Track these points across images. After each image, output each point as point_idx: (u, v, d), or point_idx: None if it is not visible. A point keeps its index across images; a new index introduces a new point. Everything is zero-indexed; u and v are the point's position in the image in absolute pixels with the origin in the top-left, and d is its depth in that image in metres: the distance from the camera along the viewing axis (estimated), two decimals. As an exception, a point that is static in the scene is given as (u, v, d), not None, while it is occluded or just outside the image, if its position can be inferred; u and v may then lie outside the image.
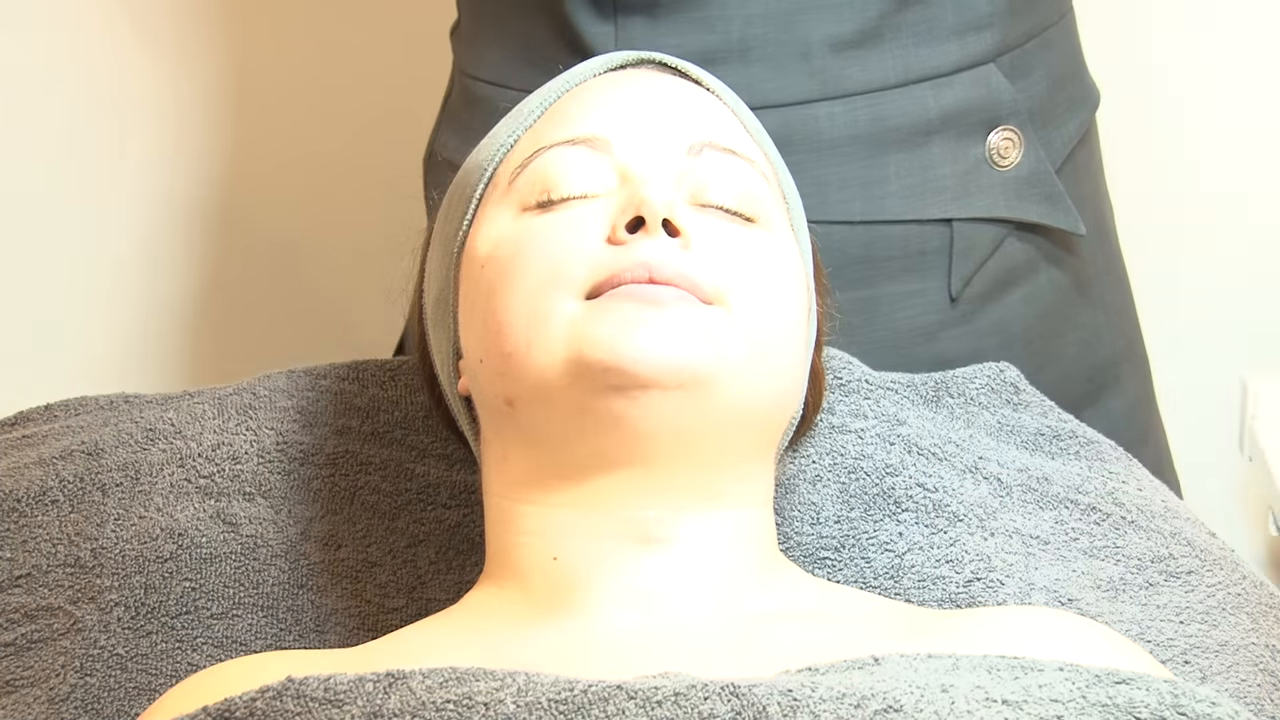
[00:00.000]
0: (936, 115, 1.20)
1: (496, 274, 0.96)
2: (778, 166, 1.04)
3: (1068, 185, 1.27)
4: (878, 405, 1.12)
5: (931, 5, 1.20)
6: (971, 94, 1.22)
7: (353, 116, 1.73)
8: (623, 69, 1.04)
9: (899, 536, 1.06)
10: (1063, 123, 1.28)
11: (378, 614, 1.03)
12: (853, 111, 1.19)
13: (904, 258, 1.21)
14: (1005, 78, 1.23)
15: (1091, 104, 1.33)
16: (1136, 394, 1.34)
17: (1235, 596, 1.06)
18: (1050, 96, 1.26)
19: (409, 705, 0.78)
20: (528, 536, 0.95)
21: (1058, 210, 1.25)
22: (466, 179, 1.03)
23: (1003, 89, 1.22)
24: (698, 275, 0.91)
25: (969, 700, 0.77)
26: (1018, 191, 1.24)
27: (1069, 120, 1.29)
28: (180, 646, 0.99)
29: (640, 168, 0.96)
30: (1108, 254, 1.35)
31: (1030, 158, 1.24)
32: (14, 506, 1.04)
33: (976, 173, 1.21)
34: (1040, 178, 1.24)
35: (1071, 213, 1.26)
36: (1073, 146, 1.29)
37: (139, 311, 1.79)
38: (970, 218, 1.22)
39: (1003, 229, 1.24)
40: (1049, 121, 1.26)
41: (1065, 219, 1.26)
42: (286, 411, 1.09)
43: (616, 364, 0.89)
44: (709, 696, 0.77)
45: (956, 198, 1.21)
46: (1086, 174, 1.32)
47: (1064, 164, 1.28)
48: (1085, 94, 1.32)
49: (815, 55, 1.19)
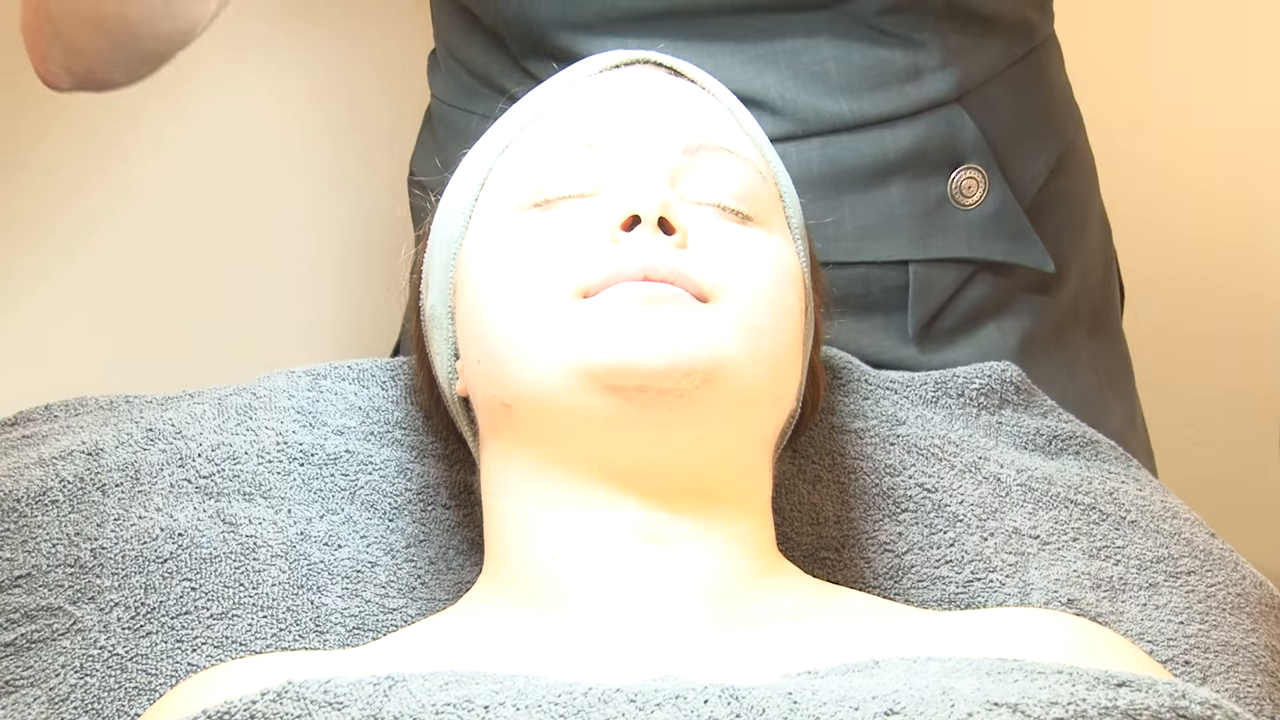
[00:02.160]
0: (896, 156, 1.18)
1: (493, 274, 0.96)
2: (774, 165, 1.04)
3: (1042, 219, 1.26)
4: (878, 405, 1.12)
5: (885, 49, 1.19)
6: (933, 134, 1.20)
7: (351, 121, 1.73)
8: (618, 68, 1.04)
9: (899, 537, 1.06)
10: (1032, 158, 1.26)
11: (378, 614, 1.03)
12: (807, 153, 1.18)
13: (862, 296, 1.19)
14: (969, 116, 1.21)
15: (1067, 135, 1.31)
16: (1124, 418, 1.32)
17: (1235, 597, 1.06)
18: (1017, 132, 1.25)
19: (409, 708, 0.78)
20: (527, 537, 0.95)
21: (1024, 248, 1.24)
22: (464, 180, 1.03)
23: (966, 128, 1.21)
24: (694, 273, 0.91)
25: (969, 703, 0.77)
26: (982, 230, 1.22)
27: (1039, 154, 1.27)
28: (180, 646, 0.99)
29: (636, 166, 0.96)
30: (1094, 275, 1.33)
31: (996, 196, 1.22)
32: (14, 506, 1.03)
33: (938, 212, 1.20)
34: (1006, 216, 1.23)
35: (1038, 250, 1.24)
36: (1045, 179, 1.27)
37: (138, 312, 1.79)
38: (928, 259, 1.20)
39: (967, 267, 1.23)
40: (1016, 158, 1.25)
41: (1032, 256, 1.24)
42: (286, 411, 1.09)
43: (614, 363, 0.89)
44: (708, 699, 0.77)
45: (914, 239, 1.19)
46: (1065, 205, 1.30)
47: (1036, 198, 1.26)
48: (1059, 126, 1.30)
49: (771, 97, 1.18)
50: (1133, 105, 1.36)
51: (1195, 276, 1.87)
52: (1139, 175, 1.85)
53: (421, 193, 1.30)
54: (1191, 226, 1.86)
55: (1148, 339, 1.90)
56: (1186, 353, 1.88)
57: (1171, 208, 1.86)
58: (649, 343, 0.89)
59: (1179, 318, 1.88)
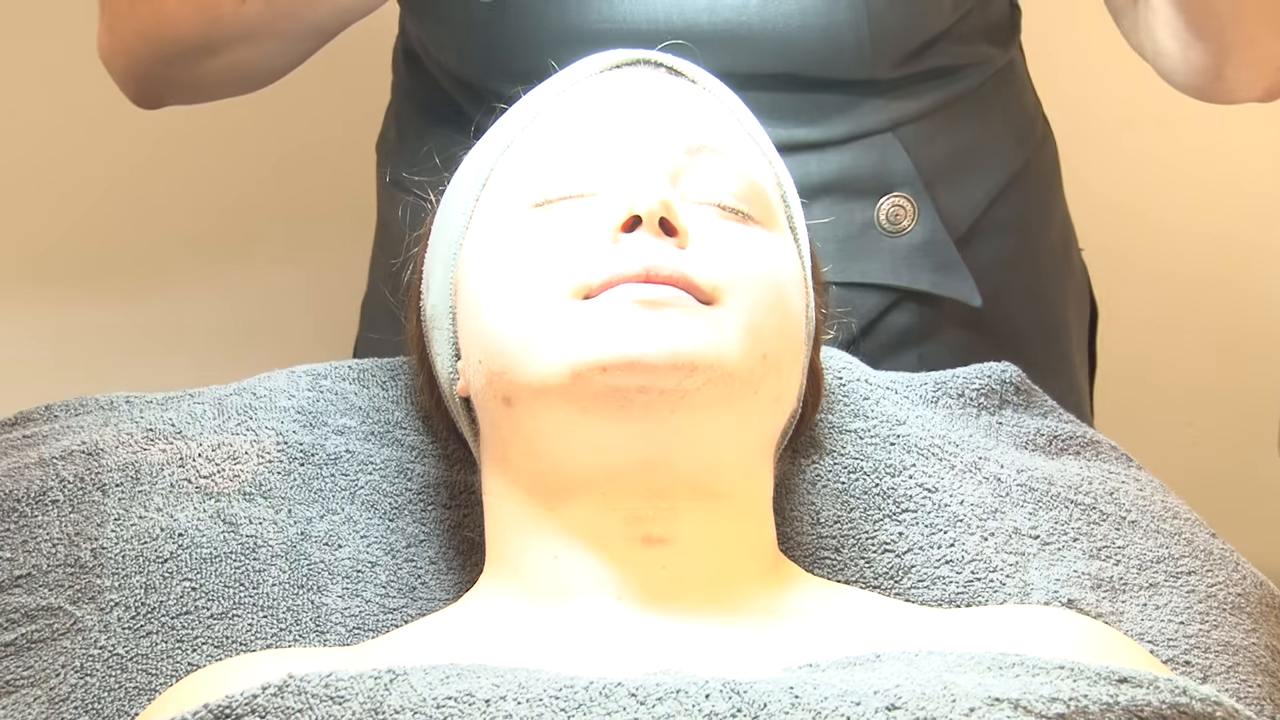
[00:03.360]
0: (820, 180, 1.18)
1: (494, 274, 0.96)
2: (775, 165, 1.04)
3: (980, 248, 1.25)
4: (878, 405, 1.12)
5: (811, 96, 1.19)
6: (862, 161, 1.21)
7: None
8: (619, 68, 1.04)
9: (899, 537, 1.06)
10: (972, 187, 1.26)
11: (378, 614, 1.03)
12: None
13: None
14: (902, 146, 1.21)
15: (1018, 160, 1.30)
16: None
17: (1236, 597, 1.06)
18: (955, 162, 1.24)
19: (409, 702, 0.78)
20: (528, 536, 0.95)
21: (952, 280, 1.23)
22: (464, 180, 1.03)
23: (897, 157, 1.21)
24: (694, 274, 0.91)
25: (971, 698, 0.77)
26: (908, 259, 1.22)
27: (979, 184, 1.27)
28: (180, 646, 0.99)
29: (637, 167, 0.96)
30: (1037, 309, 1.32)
31: (925, 225, 1.22)
32: (14, 506, 1.03)
33: (862, 238, 1.19)
34: (935, 246, 1.22)
35: (967, 283, 1.24)
36: (985, 208, 1.27)
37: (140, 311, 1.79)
38: (848, 282, 1.20)
39: (890, 294, 1.23)
40: (953, 188, 1.24)
41: (959, 289, 1.24)
42: (286, 411, 1.09)
43: (614, 362, 0.89)
44: (710, 694, 0.77)
45: (835, 263, 1.19)
46: (1011, 234, 1.29)
47: (974, 227, 1.26)
48: (1007, 152, 1.29)
49: None
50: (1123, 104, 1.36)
51: (1194, 276, 1.87)
52: (1134, 174, 1.86)
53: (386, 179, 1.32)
54: (1191, 226, 1.87)
55: (1148, 339, 1.91)
56: (1186, 353, 1.89)
57: (1170, 208, 1.86)
58: (650, 344, 0.89)
59: (1178, 318, 1.89)
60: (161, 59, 1.21)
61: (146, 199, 1.78)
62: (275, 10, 1.16)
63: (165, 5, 1.18)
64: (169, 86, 1.25)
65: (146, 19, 1.19)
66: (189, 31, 1.18)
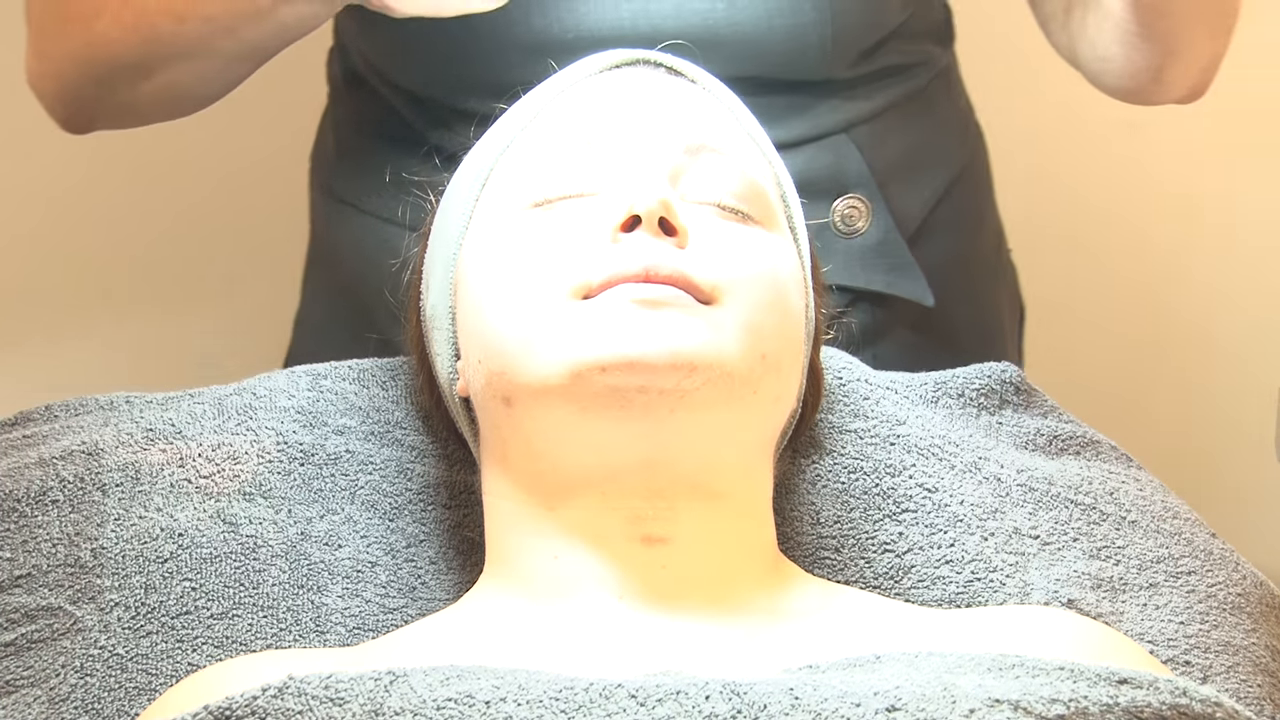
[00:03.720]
0: None
1: (494, 274, 0.96)
2: (775, 165, 1.04)
3: (927, 247, 1.26)
4: (878, 405, 1.12)
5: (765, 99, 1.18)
6: (817, 163, 1.21)
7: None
8: (618, 68, 1.04)
9: (899, 537, 1.06)
10: (920, 187, 1.27)
11: (378, 614, 1.03)
12: None
13: None
14: (855, 147, 1.22)
15: (960, 161, 1.31)
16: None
17: (1236, 597, 1.06)
18: (905, 162, 1.25)
19: (409, 703, 0.78)
20: (528, 536, 0.95)
21: (905, 280, 1.24)
22: (464, 180, 1.03)
23: (852, 157, 1.21)
24: (694, 273, 0.91)
25: (971, 699, 0.77)
26: (862, 260, 1.22)
27: (926, 184, 1.27)
28: (180, 646, 0.99)
29: (637, 166, 0.96)
30: (977, 308, 1.33)
31: (879, 226, 1.23)
32: (14, 506, 1.03)
33: (818, 238, 1.19)
34: (888, 247, 1.23)
35: (920, 283, 1.24)
36: (932, 208, 1.27)
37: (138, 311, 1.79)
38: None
39: (846, 295, 1.23)
40: (903, 187, 1.25)
41: (913, 289, 1.24)
42: (286, 411, 1.09)
43: (614, 363, 0.89)
44: (710, 695, 0.77)
45: None
46: (954, 233, 1.30)
47: (921, 227, 1.26)
48: (950, 153, 1.30)
49: None
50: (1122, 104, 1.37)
51: (1194, 276, 1.87)
52: (1135, 174, 1.86)
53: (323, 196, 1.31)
54: (1191, 226, 1.87)
55: (1147, 339, 1.91)
56: (1186, 353, 1.89)
57: (1166, 208, 1.86)
58: (650, 344, 0.89)
59: (1178, 317, 1.89)
60: (94, 80, 1.17)
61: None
62: (216, 28, 1.13)
63: (98, 25, 1.14)
64: (100, 109, 1.21)
65: (78, 40, 1.15)
66: (123, 51, 1.14)
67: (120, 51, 1.14)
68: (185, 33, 1.13)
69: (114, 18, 1.13)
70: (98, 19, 1.14)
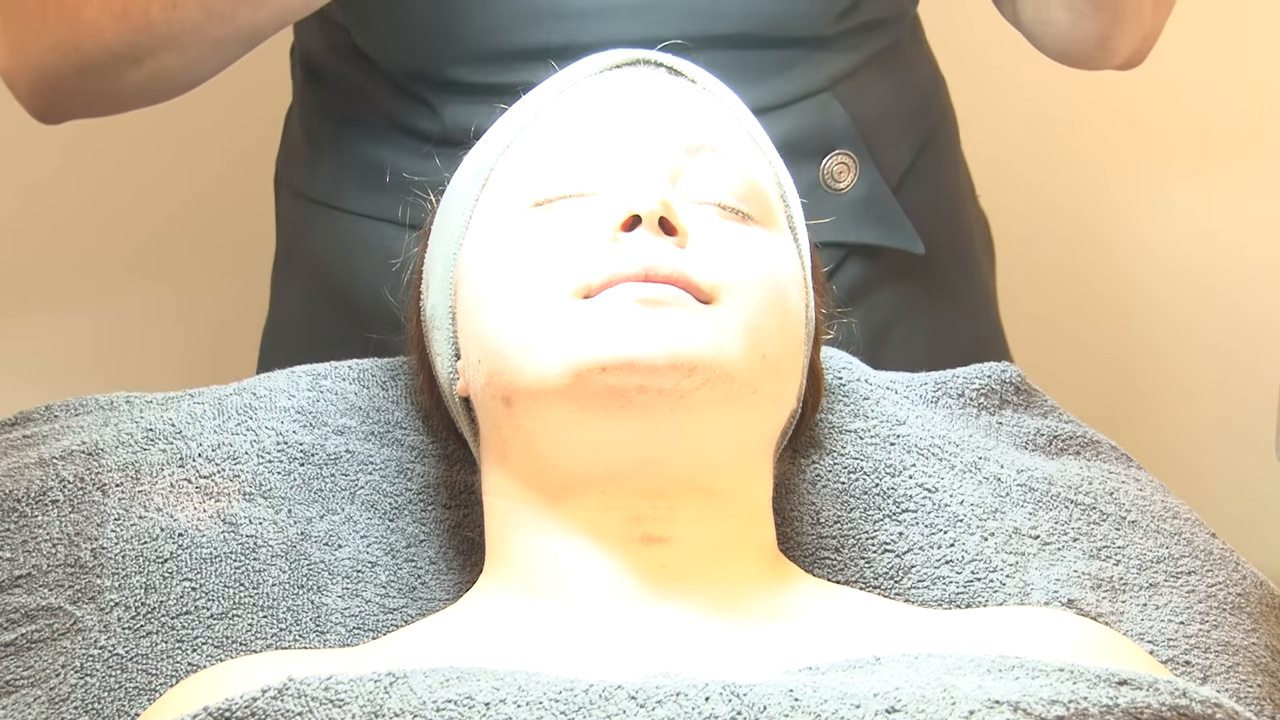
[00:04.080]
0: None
1: (494, 273, 0.96)
2: (775, 164, 1.04)
3: (910, 197, 1.26)
4: (878, 405, 1.12)
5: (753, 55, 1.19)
6: (805, 121, 1.21)
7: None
8: (618, 68, 1.04)
9: (899, 537, 1.06)
10: (900, 138, 1.27)
11: (378, 614, 1.03)
12: None
13: None
14: (839, 104, 1.22)
15: (936, 113, 1.32)
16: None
17: (1236, 597, 1.06)
18: (886, 115, 1.26)
19: (409, 704, 0.78)
20: (528, 536, 0.95)
21: (894, 231, 1.24)
22: (464, 180, 1.03)
23: (837, 114, 1.22)
24: (694, 273, 0.91)
25: (971, 700, 0.77)
26: (853, 214, 1.23)
27: (906, 135, 1.28)
28: (180, 646, 0.99)
29: (636, 166, 0.96)
30: (960, 254, 1.34)
31: (866, 180, 1.23)
32: (14, 506, 1.03)
33: (810, 197, 1.19)
34: (876, 199, 1.23)
35: (909, 233, 1.25)
36: (913, 158, 1.28)
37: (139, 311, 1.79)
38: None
39: (839, 251, 1.23)
40: (885, 140, 1.25)
41: (903, 239, 1.25)
42: (286, 411, 1.09)
43: (614, 363, 0.89)
44: (709, 696, 0.77)
45: None
46: (934, 181, 1.31)
47: (904, 177, 1.27)
48: (926, 103, 1.31)
49: None
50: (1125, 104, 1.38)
51: (1193, 277, 1.87)
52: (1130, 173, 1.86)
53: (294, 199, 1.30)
54: (1190, 228, 1.87)
55: (1148, 339, 1.91)
56: (1186, 353, 1.89)
57: (1165, 207, 1.86)
58: (650, 344, 0.89)
59: (1177, 317, 1.89)
60: (77, 71, 1.14)
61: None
62: (211, 14, 1.11)
63: (84, 14, 1.12)
64: (81, 99, 1.19)
65: (62, 31, 1.13)
66: (113, 40, 1.12)
67: (109, 40, 1.12)
68: (179, 19, 1.11)
69: (103, 6, 1.11)
70: (86, 7, 1.12)
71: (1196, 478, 1.83)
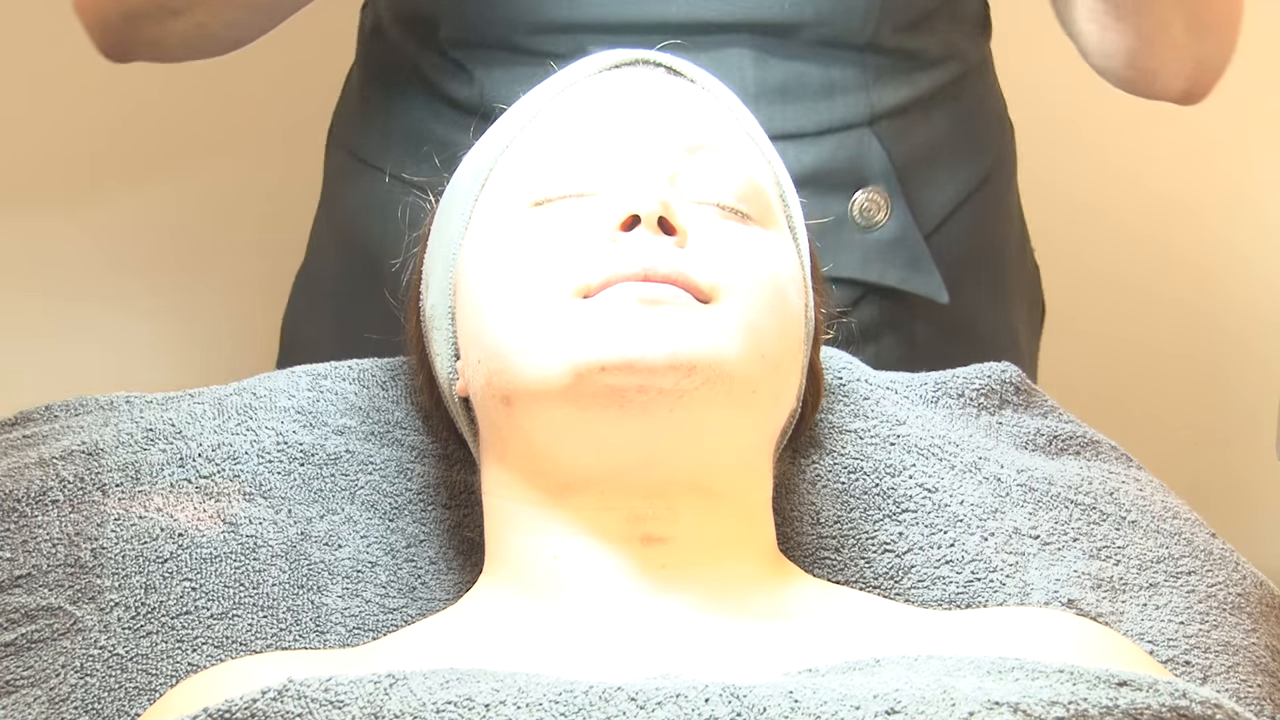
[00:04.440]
0: (798, 172, 1.17)
1: (493, 273, 0.96)
2: (774, 165, 1.04)
3: (946, 244, 1.25)
4: (878, 405, 1.12)
5: (803, 64, 1.18)
6: (839, 154, 1.20)
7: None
8: (618, 68, 1.04)
9: (899, 537, 1.06)
10: (945, 181, 1.26)
11: (378, 614, 1.03)
12: None
13: None
14: (879, 141, 1.21)
15: (988, 161, 1.30)
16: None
17: (1236, 597, 1.06)
18: (929, 158, 1.24)
19: (409, 706, 0.78)
20: (527, 536, 0.95)
21: (920, 276, 1.23)
22: (463, 181, 1.03)
23: (873, 151, 1.20)
24: (693, 273, 0.91)
25: (970, 701, 0.77)
26: (880, 254, 1.22)
27: (953, 178, 1.27)
28: (180, 646, 0.99)
29: (636, 166, 0.96)
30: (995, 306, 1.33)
31: (897, 221, 1.22)
32: (14, 506, 1.03)
33: (835, 231, 1.19)
34: (907, 243, 1.22)
35: (935, 280, 1.23)
36: (958, 202, 1.27)
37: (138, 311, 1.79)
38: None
39: (857, 288, 1.22)
40: (926, 181, 1.24)
41: (927, 286, 1.23)
42: (286, 411, 1.09)
43: (613, 363, 0.89)
44: (709, 698, 0.77)
45: None
46: (978, 228, 1.29)
47: (945, 222, 1.25)
48: (978, 153, 1.29)
49: None
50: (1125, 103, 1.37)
51: (1193, 277, 1.87)
52: (1131, 174, 1.86)
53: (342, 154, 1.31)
54: (1191, 227, 1.87)
55: (1147, 340, 1.91)
56: (1185, 353, 1.89)
57: (1168, 211, 1.87)
58: (649, 343, 0.89)
59: (1178, 318, 1.89)
60: (125, 15, 1.20)
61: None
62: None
63: None
64: (135, 43, 1.24)
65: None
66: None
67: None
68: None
69: None
70: None
71: (1196, 478, 1.83)
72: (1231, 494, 1.85)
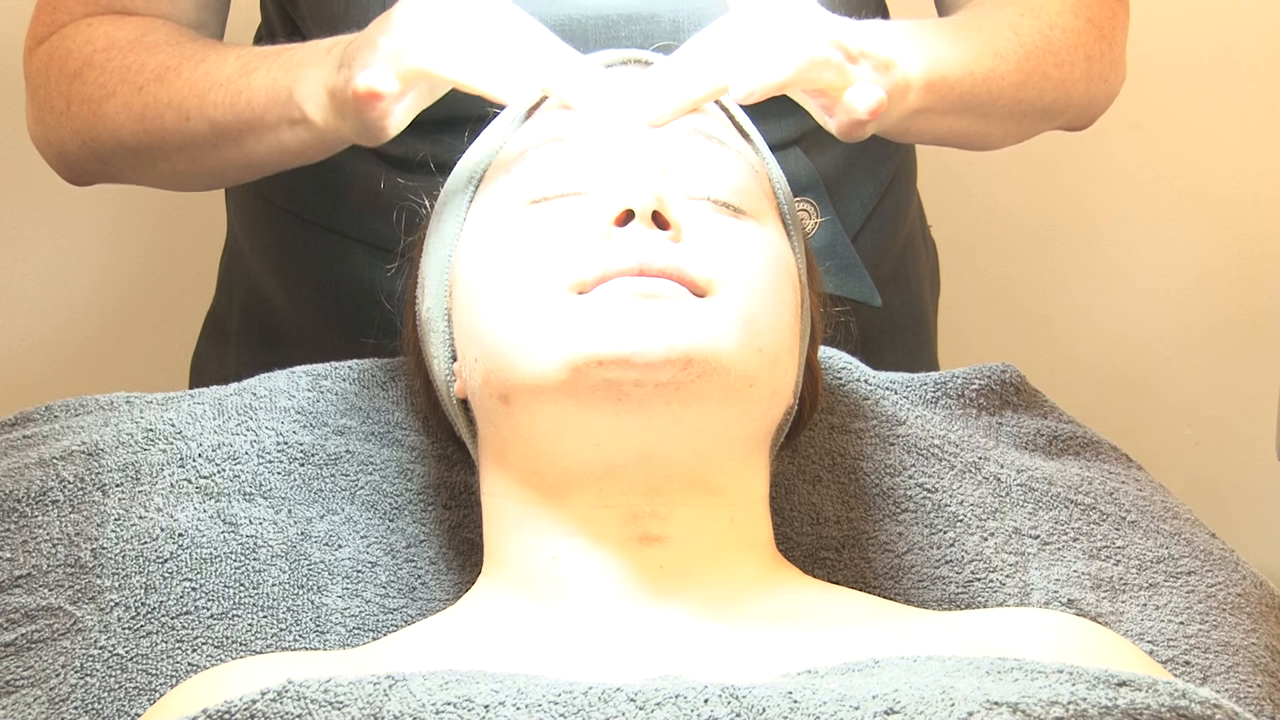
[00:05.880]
0: None
1: (489, 271, 0.96)
2: (767, 160, 1.04)
3: (871, 243, 1.26)
4: (877, 405, 1.12)
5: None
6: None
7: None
8: (609, 68, 1.04)
9: (899, 537, 1.06)
10: (864, 184, 1.27)
11: (378, 614, 1.03)
12: None
13: None
14: (805, 155, 1.21)
15: (898, 155, 1.31)
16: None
17: (1236, 597, 1.06)
18: (848, 164, 1.25)
19: (409, 707, 0.78)
20: (527, 536, 0.95)
21: (852, 281, 1.23)
22: (458, 182, 1.03)
23: (802, 165, 1.21)
24: (689, 267, 0.91)
25: (969, 702, 0.77)
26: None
27: (868, 181, 1.27)
28: (180, 646, 0.99)
29: (629, 162, 0.96)
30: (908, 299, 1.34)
31: (827, 229, 1.22)
32: (14, 506, 1.03)
33: None
34: (836, 249, 1.22)
35: (866, 283, 1.24)
36: (875, 203, 1.27)
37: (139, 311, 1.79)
38: None
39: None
40: (846, 188, 1.25)
41: (859, 289, 1.24)
42: (286, 411, 1.09)
43: (610, 358, 0.89)
44: (709, 699, 0.77)
45: None
46: (890, 225, 1.31)
47: (866, 223, 1.27)
48: (887, 153, 1.30)
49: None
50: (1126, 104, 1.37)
51: (1194, 277, 1.87)
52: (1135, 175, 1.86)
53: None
54: (1192, 228, 1.87)
55: (1148, 341, 1.91)
56: (1185, 354, 1.89)
57: (1170, 213, 1.87)
58: (645, 337, 0.89)
59: (1178, 319, 1.89)
60: (97, 158, 1.18)
61: None
62: (220, 135, 1.12)
63: (107, 107, 1.14)
64: (102, 178, 1.22)
65: (82, 121, 1.16)
66: (128, 137, 1.14)
67: (125, 137, 1.15)
68: (190, 131, 1.12)
69: (124, 103, 1.13)
70: (108, 100, 1.14)
71: (1196, 478, 1.83)
72: (1231, 494, 1.85)
